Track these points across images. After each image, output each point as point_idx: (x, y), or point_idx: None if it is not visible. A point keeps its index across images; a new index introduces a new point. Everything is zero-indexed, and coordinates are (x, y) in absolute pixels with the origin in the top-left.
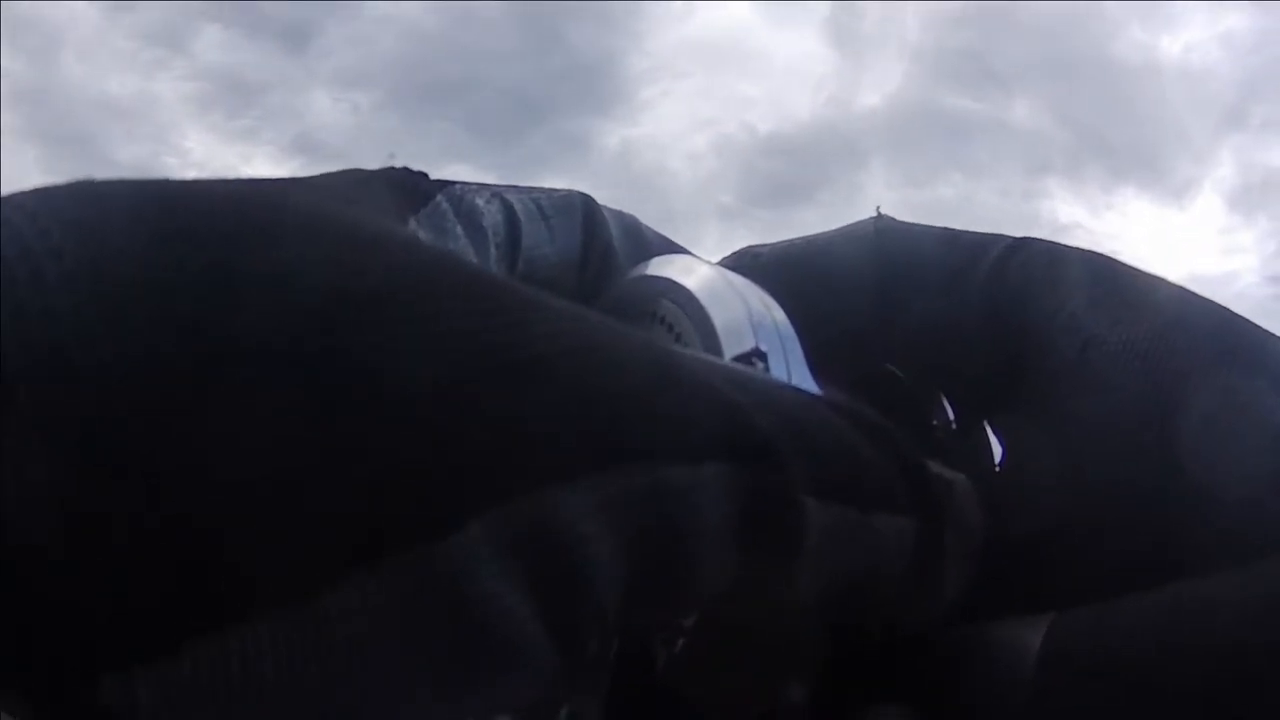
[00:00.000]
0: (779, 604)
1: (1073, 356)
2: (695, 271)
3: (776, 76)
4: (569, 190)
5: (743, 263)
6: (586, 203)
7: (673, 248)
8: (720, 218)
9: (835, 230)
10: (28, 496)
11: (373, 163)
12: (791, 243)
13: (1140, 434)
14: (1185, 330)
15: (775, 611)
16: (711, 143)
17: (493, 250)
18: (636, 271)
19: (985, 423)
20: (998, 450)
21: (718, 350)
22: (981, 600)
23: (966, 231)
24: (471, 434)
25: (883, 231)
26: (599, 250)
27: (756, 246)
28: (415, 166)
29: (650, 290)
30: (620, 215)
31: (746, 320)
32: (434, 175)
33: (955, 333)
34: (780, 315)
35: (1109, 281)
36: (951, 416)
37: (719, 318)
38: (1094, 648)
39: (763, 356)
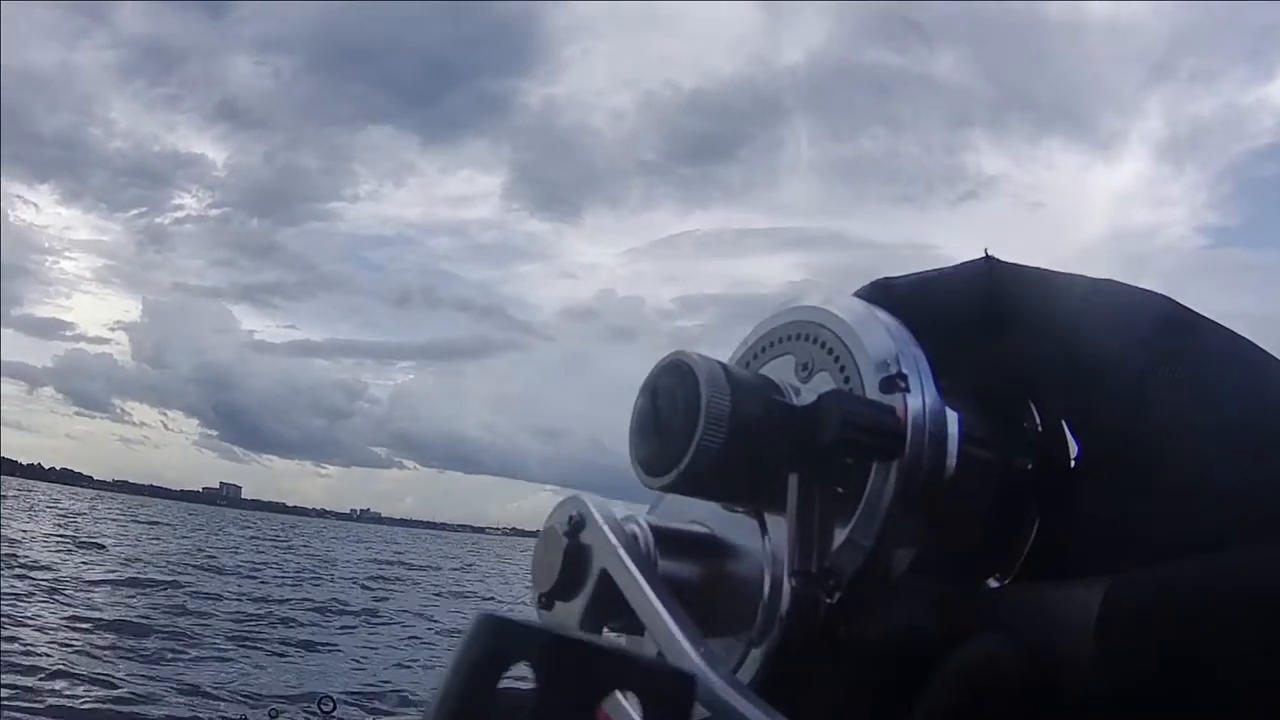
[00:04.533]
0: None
1: (1132, 384)
2: (845, 305)
3: (700, 34)
4: None
5: (876, 294)
6: None
7: None
8: (643, 174)
9: (952, 267)
10: None
11: (297, 127)
12: (918, 275)
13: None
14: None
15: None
16: (634, 100)
17: None
18: (792, 304)
19: (1065, 425)
20: (1074, 448)
21: (868, 372)
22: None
23: (1058, 273)
24: None
25: (992, 270)
26: None
27: (888, 278)
28: (336, 130)
29: (809, 319)
30: None
31: (892, 348)
32: (353, 138)
33: (1044, 353)
34: (914, 343)
35: (1171, 322)
36: (1039, 420)
37: (871, 346)
38: (1152, 605)
39: (904, 379)
